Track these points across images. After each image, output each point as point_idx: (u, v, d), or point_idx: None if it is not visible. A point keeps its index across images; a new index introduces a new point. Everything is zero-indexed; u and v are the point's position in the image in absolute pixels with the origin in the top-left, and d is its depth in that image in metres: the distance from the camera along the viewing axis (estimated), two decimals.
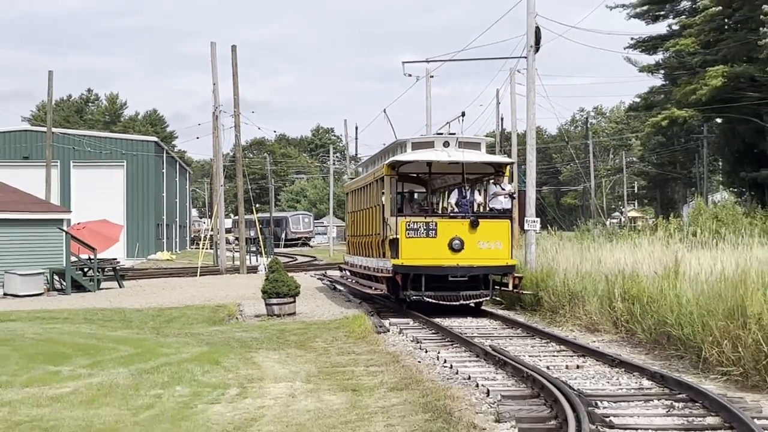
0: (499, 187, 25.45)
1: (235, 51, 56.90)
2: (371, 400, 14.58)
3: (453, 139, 25.87)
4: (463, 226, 24.16)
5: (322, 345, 21.25)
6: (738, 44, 61.29)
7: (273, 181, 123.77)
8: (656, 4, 71.56)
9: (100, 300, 34.70)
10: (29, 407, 14.42)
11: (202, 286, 42.25)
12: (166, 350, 20.63)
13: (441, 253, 23.96)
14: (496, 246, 24.26)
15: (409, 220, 24.51)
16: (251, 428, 12.75)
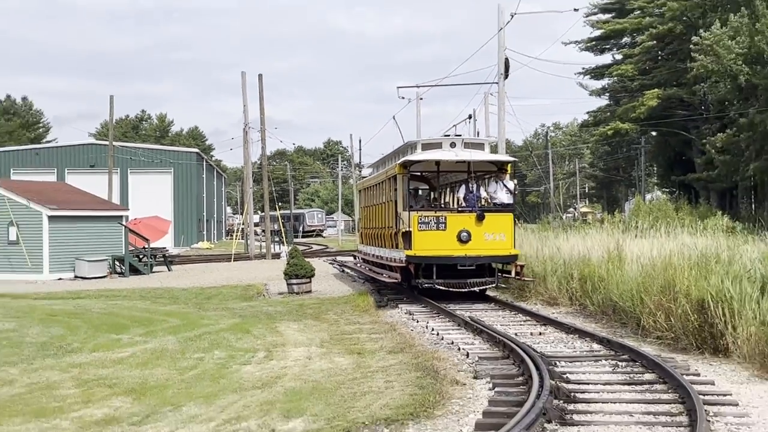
0: (501, 183, 23.48)
1: (261, 79, 56.94)
2: (373, 361, 14.60)
3: (459, 140, 24.07)
4: (470, 220, 22.23)
5: (333, 317, 21.26)
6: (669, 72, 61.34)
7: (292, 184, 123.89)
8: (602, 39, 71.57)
9: (152, 281, 34.72)
10: (96, 368, 14.47)
11: (235, 269, 42.25)
12: (207, 321, 20.65)
13: (450, 245, 22.05)
14: (501, 237, 22.38)
15: (421, 214, 22.54)
16: (276, 384, 12.77)
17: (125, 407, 11.42)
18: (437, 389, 11.92)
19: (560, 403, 10.52)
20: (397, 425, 9.98)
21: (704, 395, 10.61)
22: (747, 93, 47.95)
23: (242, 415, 10.78)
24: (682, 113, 62.32)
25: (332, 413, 10.66)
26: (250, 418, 10.58)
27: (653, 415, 10.14)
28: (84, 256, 37.33)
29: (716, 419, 9.75)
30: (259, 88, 56.76)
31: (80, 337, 18.23)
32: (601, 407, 10.57)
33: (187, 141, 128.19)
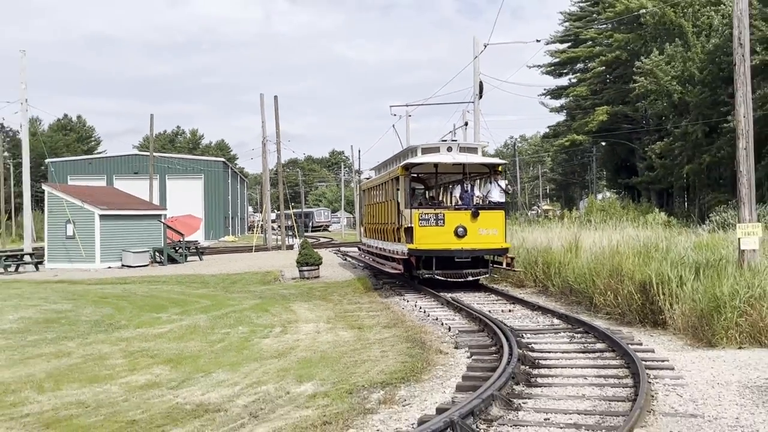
0: (495, 183, 22.22)
1: (276, 100, 56.83)
2: (371, 334, 14.61)
3: (455, 145, 22.82)
4: (466, 216, 20.98)
5: (338, 298, 21.26)
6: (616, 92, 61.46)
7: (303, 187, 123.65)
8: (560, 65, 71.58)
9: (186, 269, 34.70)
10: (140, 341, 14.48)
11: (255, 258, 42.22)
12: (232, 302, 20.65)
13: (448, 239, 20.83)
14: (493, 232, 21.07)
15: (422, 211, 21.21)
16: (290, 354, 12.78)
17: (164, 374, 11.44)
18: (424, 357, 11.94)
19: (526, 368, 10.53)
20: (391, 388, 9.99)
21: (646, 361, 10.62)
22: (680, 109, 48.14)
23: (262, 380, 10.80)
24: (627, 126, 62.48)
25: (337, 378, 10.68)
26: (269, 382, 10.61)
27: (603, 378, 10.16)
28: (129, 248, 37.42)
29: (656, 381, 9.76)
30: (275, 108, 56.76)
31: (126, 316, 18.25)
32: (560, 371, 10.59)
33: (215, 152, 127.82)
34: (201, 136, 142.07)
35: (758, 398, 8.90)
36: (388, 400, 9.31)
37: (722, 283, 12.53)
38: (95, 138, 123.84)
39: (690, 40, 46.45)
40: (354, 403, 9.28)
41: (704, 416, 8.19)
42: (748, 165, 14.45)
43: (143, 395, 10.16)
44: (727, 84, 37.47)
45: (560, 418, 8.22)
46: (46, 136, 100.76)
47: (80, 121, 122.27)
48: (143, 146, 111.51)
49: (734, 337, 11.99)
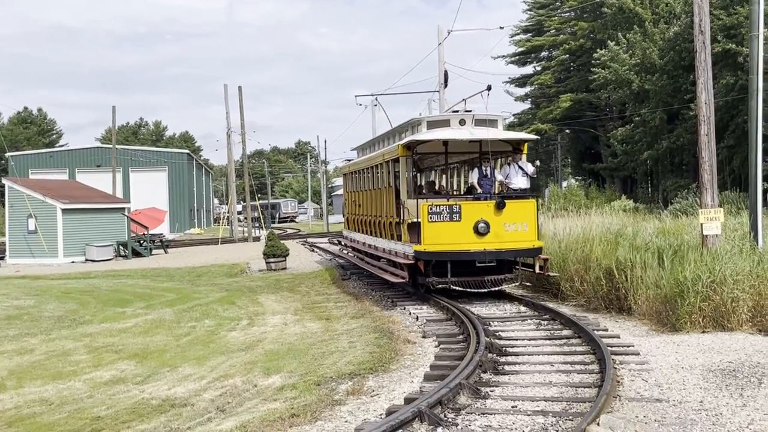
0: (517, 165, 17.82)
1: (240, 91, 56.45)
2: (338, 325, 14.58)
3: (469, 117, 18.03)
4: (489, 208, 16.45)
5: (305, 289, 21.20)
6: (579, 80, 61.95)
7: (269, 178, 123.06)
8: (524, 54, 71.94)
9: (151, 262, 34.39)
10: (104, 337, 14.33)
11: (221, 251, 41.96)
12: (198, 295, 20.50)
13: (466, 238, 16.34)
14: (523, 228, 16.68)
15: (431, 203, 16.70)
16: (258, 347, 12.72)
17: (130, 369, 11.33)
18: (392, 347, 11.95)
19: (494, 356, 10.58)
20: (359, 378, 9.98)
21: (611, 347, 10.72)
22: (641, 96, 48.66)
23: (229, 373, 10.73)
24: (590, 114, 63.04)
25: (305, 370, 10.64)
26: (236, 375, 10.54)
27: (570, 364, 10.23)
28: (93, 242, 37.08)
29: (621, 366, 9.85)
30: (239, 98, 56.36)
31: (91, 311, 18.03)
32: (528, 359, 10.65)
33: (180, 143, 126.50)
34: (165, 128, 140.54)
35: (721, 381, 9.02)
36: (356, 391, 9.30)
37: (685, 268, 12.68)
38: (57, 131, 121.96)
39: (648, 29, 46.91)
40: (322, 394, 9.25)
41: (669, 400, 8.28)
42: (709, 151, 14.63)
43: (108, 391, 10.05)
44: (688, 71, 37.94)
45: (527, 405, 8.26)
46: (6, 130, 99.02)
47: (41, 114, 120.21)
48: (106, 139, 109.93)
49: (698, 322, 12.14)
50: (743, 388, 8.71)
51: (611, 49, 48.34)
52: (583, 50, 61.07)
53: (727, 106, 37.29)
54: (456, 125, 17.84)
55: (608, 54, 48.54)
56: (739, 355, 10.24)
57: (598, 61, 50.27)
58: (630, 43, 47.36)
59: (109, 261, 36.45)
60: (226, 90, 57.89)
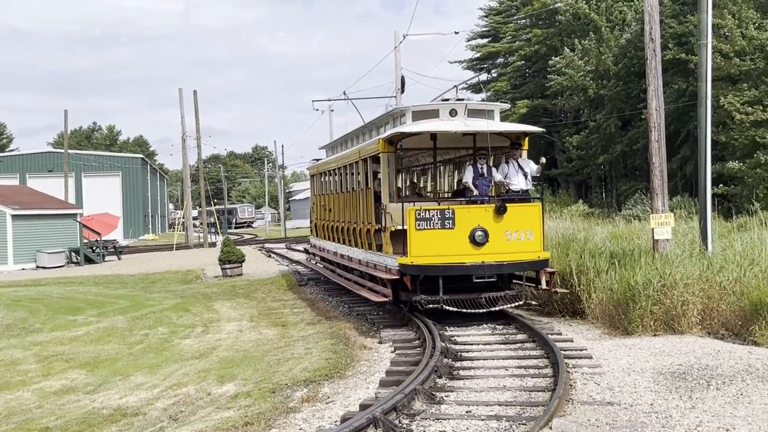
0: (517, 163, 15.20)
1: (196, 95, 55.92)
2: (295, 331, 14.53)
3: (461, 106, 15.60)
4: (487, 213, 14.12)
5: (261, 295, 21.08)
6: (535, 86, 62.63)
7: (225, 183, 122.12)
8: (481, 60, 72.51)
9: (104, 269, 33.89)
10: (55, 345, 14.11)
11: (176, 257, 41.51)
12: (152, 303, 20.25)
13: (460, 248, 13.96)
14: (527, 236, 14.30)
15: (419, 207, 14.15)
16: (212, 355, 12.62)
17: (80, 378, 11.16)
18: (348, 353, 11.94)
19: (449, 361, 10.63)
20: (315, 385, 9.96)
21: (565, 351, 10.84)
22: (596, 102, 49.38)
23: (182, 381, 10.63)
24: (546, 120, 63.52)
25: (260, 377, 10.59)
26: (189, 384, 10.45)
27: (524, 368, 10.34)
28: (44, 249, 36.50)
29: (574, 370, 9.98)
30: (195, 102, 55.83)
31: (41, 319, 17.72)
32: (482, 363, 10.73)
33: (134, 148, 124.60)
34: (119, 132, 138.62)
35: (671, 384, 9.18)
36: (312, 398, 9.27)
37: (636, 272, 12.89)
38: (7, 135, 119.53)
39: (603, 35, 47.65)
40: (277, 402, 9.21)
41: (620, 404, 8.40)
42: (660, 157, 14.88)
43: (58, 401, 9.88)
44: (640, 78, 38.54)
45: (482, 410, 8.32)
46: None
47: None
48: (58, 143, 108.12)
49: (649, 325, 12.34)
50: (692, 390, 8.88)
51: (566, 56, 49.00)
52: (538, 56, 61.76)
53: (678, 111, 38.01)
54: (446, 116, 15.42)
55: (563, 61, 49.20)
56: (688, 358, 10.43)
57: (553, 68, 50.91)
58: (585, 49, 48.05)
59: (61, 268, 35.87)
60: (181, 94, 57.35)
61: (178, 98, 57.10)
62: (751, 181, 34.43)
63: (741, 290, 12.13)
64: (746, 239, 15.52)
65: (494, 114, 16.00)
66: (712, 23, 16.06)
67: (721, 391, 8.79)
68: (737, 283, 12.35)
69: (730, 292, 12.30)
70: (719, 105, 33.19)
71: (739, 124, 34.68)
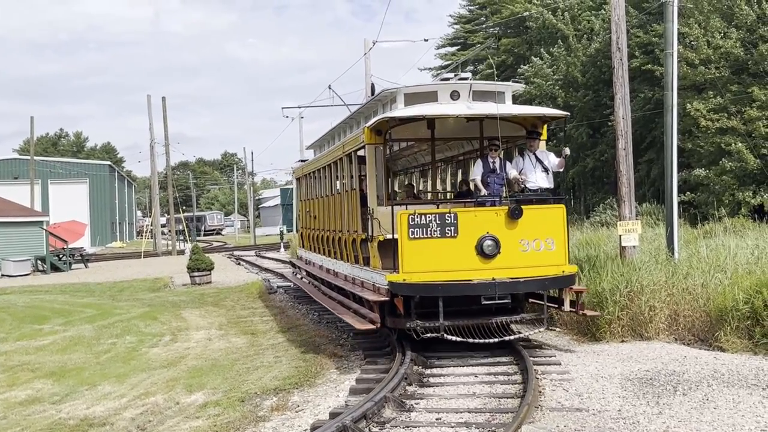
0: (532, 156, 12.33)
1: (164, 101, 55.64)
2: (264, 339, 14.47)
3: (465, 87, 12.64)
4: (499, 218, 11.35)
5: (231, 303, 20.96)
6: None
7: (194, 190, 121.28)
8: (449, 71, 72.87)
9: (71, 277, 33.51)
10: (20, 355, 13.91)
11: (144, 265, 41.17)
12: (119, 311, 20.05)
13: (465, 262, 11.19)
14: (548, 246, 11.56)
15: (413, 211, 11.30)
16: (180, 363, 12.52)
17: (47, 388, 11.02)
18: (318, 361, 11.90)
19: (419, 368, 10.66)
20: (284, 393, 9.93)
21: (534, 357, 10.92)
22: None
23: (150, 391, 10.53)
24: None
25: (229, 386, 10.53)
26: (158, 393, 10.36)
27: (494, 375, 10.39)
28: (9, 257, 36.08)
29: (544, 377, 10.04)
30: (163, 109, 55.55)
31: (5, 329, 17.46)
32: (452, 371, 10.76)
33: (101, 155, 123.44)
34: (86, 139, 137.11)
35: (639, 390, 9.28)
36: (281, 407, 9.24)
37: (603, 279, 13.01)
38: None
39: (572, 44, 48.11)
40: (246, 411, 9.16)
41: (589, 410, 8.47)
42: (627, 165, 15.06)
43: (23, 411, 9.74)
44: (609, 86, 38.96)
45: (452, 417, 8.34)
46: None
47: None
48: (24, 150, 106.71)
49: (617, 331, 12.46)
50: (660, 396, 8.98)
51: (535, 65, 49.33)
52: (506, 65, 62.19)
53: (645, 119, 38.45)
54: (446, 99, 12.56)
55: (532, 69, 49.53)
56: (656, 364, 10.54)
57: (522, 76, 51.24)
58: (554, 57, 48.41)
59: (27, 276, 35.43)
60: (149, 100, 56.95)
61: (147, 105, 56.77)
62: (717, 188, 34.90)
63: (707, 296, 12.29)
64: (712, 246, 15.73)
65: (505, 96, 13.08)
66: (678, 32, 16.31)
67: (688, 396, 8.89)
68: (703, 289, 12.51)
69: (696, 297, 12.45)
70: (685, 113, 33.62)
71: (704, 131, 35.15)
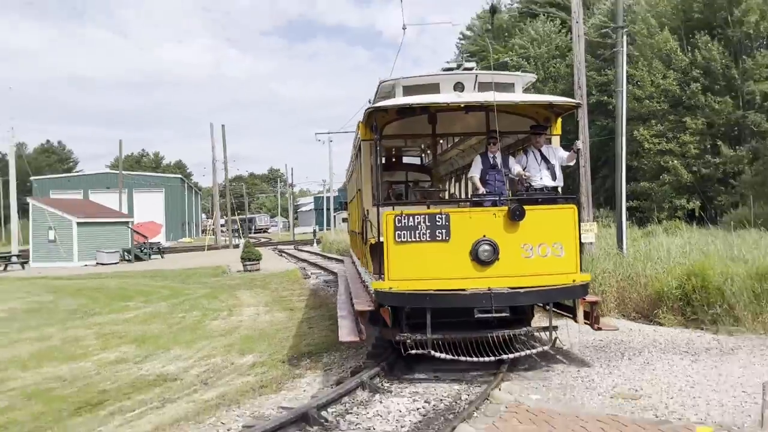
0: (536, 152, 9.00)
1: (223, 128, 56.09)
2: (300, 314, 14.50)
3: (470, 79, 9.37)
4: (497, 220, 7.86)
5: (274, 286, 21.01)
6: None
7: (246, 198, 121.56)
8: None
9: (150, 265, 33.68)
10: (111, 325, 13.99)
11: (207, 256, 41.33)
12: (188, 292, 20.15)
13: (458, 269, 7.78)
14: (556, 251, 7.97)
15: (400, 212, 7.89)
16: (235, 332, 12.56)
17: (131, 351, 11.09)
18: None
19: None
20: (316, 356, 9.96)
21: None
22: None
23: (211, 354, 10.59)
24: None
25: (273, 350, 10.57)
26: (217, 356, 10.42)
27: None
28: (103, 249, 36.25)
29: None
30: (222, 134, 55.94)
31: (100, 305, 17.58)
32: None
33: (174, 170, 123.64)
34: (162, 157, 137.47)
35: (594, 355, 9.27)
36: (314, 366, 9.28)
37: None
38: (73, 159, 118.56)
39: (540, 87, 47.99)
40: (286, 369, 9.21)
41: (554, 370, 8.45)
42: (586, 180, 15.02)
43: (113, 369, 9.82)
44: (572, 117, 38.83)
45: (446, 374, 8.34)
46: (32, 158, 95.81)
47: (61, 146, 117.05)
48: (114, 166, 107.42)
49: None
50: (610, 360, 8.96)
51: None
52: None
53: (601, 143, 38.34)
54: (449, 91, 9.17)
55: None
56: (607, 335, 10.49)
57: None
58: None
59: (116, 264, 35.60)
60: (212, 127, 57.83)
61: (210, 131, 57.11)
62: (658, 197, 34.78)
63: (647, 282, 12.24)
64: (653, 243, 15.68)
65: (515, 87, 9.70)
66: (627, 74, 16.25)
67: (632, 360, 8.87)
68: (644, 277, 12.46)
69: (639, 283, 12.40)
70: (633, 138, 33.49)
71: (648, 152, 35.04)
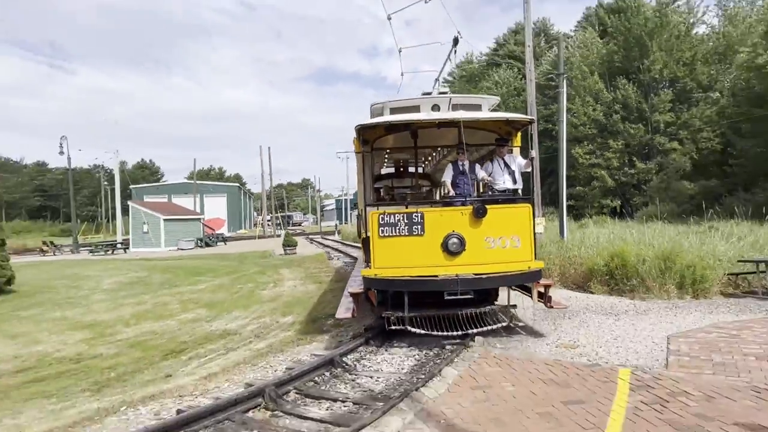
0: (500, 160, 7.96)
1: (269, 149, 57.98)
2: (327, 286, 14.45)
3: (444, 101, 8.30)
4: (463, 217, 6.95)
5: (307, 265, 20.96)
6: None
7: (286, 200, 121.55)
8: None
9: (216, 250, 33.70)
10: (189, 294, 13.98)
11: (258, 243, 41.31)
12: (244, 269, 20.14)
13: (431, 259, 6.94)
14: (514, 243, 7.05)
15: (383, 211, 7.05)
16: (279, 299, 12.53)
17: (203, 313, 11.11)
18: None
19: None
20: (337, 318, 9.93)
21: None
22: None
23: (262, 315, 10.60)
24: None
25: (306, 313, 10.56)
26: (266, 316, 10.42)
27: None
28: (182, 238, 36.35)
29: None
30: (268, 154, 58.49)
31: (180, 279, 17.60)
32: None
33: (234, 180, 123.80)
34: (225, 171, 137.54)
35: (543, 316, 9.18)
36: (337, 325, 9.26)
37: None
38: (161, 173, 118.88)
39: None
40: (316, 326, 9.20)
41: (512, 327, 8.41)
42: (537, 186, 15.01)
43: (190, 326, 9.85)
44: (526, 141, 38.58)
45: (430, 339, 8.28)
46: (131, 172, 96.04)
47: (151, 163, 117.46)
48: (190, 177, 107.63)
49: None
50: (555, 319, 8.91)
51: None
52: None
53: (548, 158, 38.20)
54: (427, 110, 8.42)
55: None
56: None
57: None
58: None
59: (191, 250, 35.70)
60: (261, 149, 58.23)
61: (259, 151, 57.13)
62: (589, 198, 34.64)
63: (580, 261, 12.18)
64: (586, 233, 15.60)
65: (482, 107, 8.86)
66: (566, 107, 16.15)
67: (572, 320, 8.82)
68: (579, 257, 12.41)
69: (576, 262, 12.35)
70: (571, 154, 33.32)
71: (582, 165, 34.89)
